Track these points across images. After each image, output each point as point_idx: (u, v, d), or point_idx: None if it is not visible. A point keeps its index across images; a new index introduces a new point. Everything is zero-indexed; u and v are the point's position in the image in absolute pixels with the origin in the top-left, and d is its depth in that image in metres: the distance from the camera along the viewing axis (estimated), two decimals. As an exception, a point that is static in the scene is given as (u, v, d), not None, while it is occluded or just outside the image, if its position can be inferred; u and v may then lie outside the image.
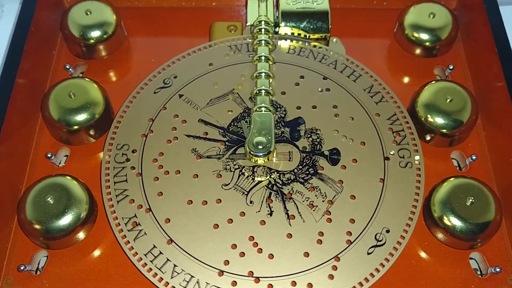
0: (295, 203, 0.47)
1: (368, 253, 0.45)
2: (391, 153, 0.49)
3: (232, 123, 0.50)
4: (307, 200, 0.47)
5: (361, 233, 0.45)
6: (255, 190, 0.47)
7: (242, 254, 0.45)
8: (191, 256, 0.44)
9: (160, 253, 0.44)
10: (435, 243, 0.48)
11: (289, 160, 0.49)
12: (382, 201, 0.47)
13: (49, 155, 0.51)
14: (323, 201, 0.47)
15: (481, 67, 0.57)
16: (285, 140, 0.50)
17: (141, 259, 0.45)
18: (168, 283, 0.44)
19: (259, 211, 0.46)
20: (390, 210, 0.46)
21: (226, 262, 0.44)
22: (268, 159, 0.48)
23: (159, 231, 0.45)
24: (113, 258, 0.47)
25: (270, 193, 0.47)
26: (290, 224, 0.46)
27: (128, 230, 0.45)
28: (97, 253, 0.47)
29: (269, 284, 0.44)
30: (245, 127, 0.50)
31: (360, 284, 0.44)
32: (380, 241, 0.45)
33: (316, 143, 0.50)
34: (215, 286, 0.43)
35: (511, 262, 0.47)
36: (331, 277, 0.44)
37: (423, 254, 0.48)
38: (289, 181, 0.48)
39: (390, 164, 0.49)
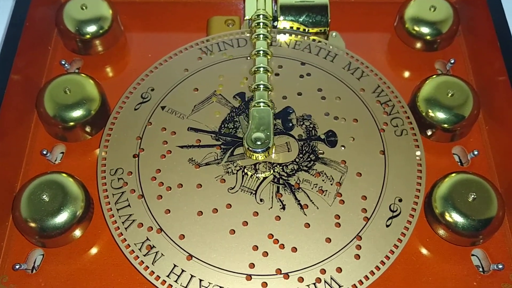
0: (304, 192, 0.46)
1: (387, 226, 0.45)
2: (385, 125, 0.50)
3: (223, 125, 0.50)
4: (315, 187, 0.47)
5: (375, 208, 0.46)
6: (262, 188, 0.47)
7: (266, 254, 0.44)
8: (215, 267, 0.43)
9: (183, 271, 0.43)
10: (436, 239, 0.47)
11: (288, 151, 0.48)
12: (387, 172, 0.47)
13: (44, 152, 0.50)
14: (331, 184, 0.47)
15: (482, 61, 0.56)
16: (279, 132, 0.49)
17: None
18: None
19: (271, 208, 0.46)
20: (397, 179, 0.47)
21: (252, 265, 0.44)
22: (268, 153, 0.48)
23: (176, 249, 0.44)
24: (109, 256, 0.46)
25: (278, 187, 0.47)
26: (305, 214, 0.45)
27: (144, 255, 0.44)
28: (93, 251, 0.47)
29: (299, 277, 0.43)
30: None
31: (387, 257, 0.44)
32: (395, 211, 0.46)
33: (310, 128, 0.50)
34: None
35: (514, 258, 0.47)
36: (357, 257, 0.44)
37: (424, 251, 0.47)
38: (294, 172, 0.47)
39: (386, 135, 0.49)
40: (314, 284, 0.43)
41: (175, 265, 0.43)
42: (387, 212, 0.46)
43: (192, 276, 0.43)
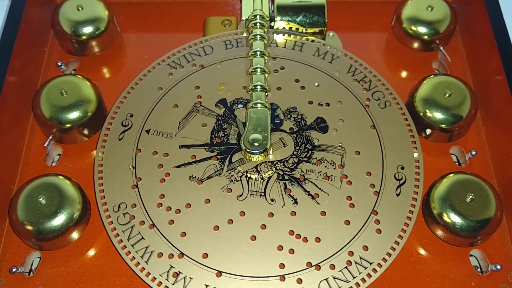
0: (311, 182, 0.47)
1: (398, 195, 0.46)
2: (369, 100, 0.51)
3: (213, 135, 0.49)
4: (320, 174, 0.47)
5: (382, 180, 0.47)
6: (269, 188, 0.47)
7: (292, 251, 0.44)
8: (246, 276, 0.43)
9: None
10: (434, 240, 0.47)
11: (285, 146, 0.49)
12: (383, 144, 0.48)
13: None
14: (334, 169, 0.47)
15: (480, 61, 0.56)
16: (271, 129, 0.49)
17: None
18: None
19: (284, 205, 0.46)
20: (394, 148, 0.48)
21: (282, 266, 0.43)
22: (266, 154, 0.47)
23: (203, 269, 0.43)
24: (107, 258, 0.46)
25: (285, 184, 0.47)
26: (318, 203, 0.46)
27: (173, 284, 0.43)
28: (91, 253, 0.47)
29: (331, 265, 0.44)
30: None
31: (406, 224, 0.45)
32: (401, 179, 0.47)
33: (299, 119, 0.50)
34: None
35: (512, 259, 0.47)
36: (378, 231, 0.45)
37: (422, 252, 0.47)
38: (295, 165, 0.48)
39: (372, 109, 0.50)
40: (346, 267, 0.44)
41: (207, 286, 0.43)
42: (394, 182, 0.47)
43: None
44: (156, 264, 0.43)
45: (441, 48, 0.54)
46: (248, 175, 0.47)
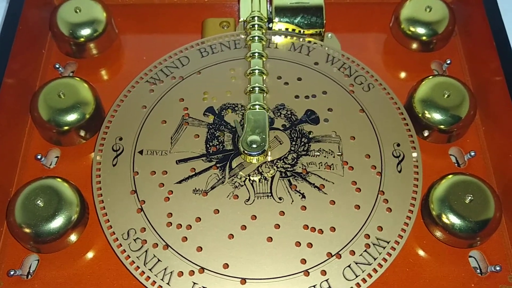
0: (314, 174, 0.47)
1: (399, 171, 0.47)
2: (352, 86, 0.51)
3: (208, 145, 0.48)
4: (321, 165, 0.47)
5: (381, 160, 0.48)
6: (275, 187, 0.47)
7: (310, 245, 0.44)
8: (272, 278, 0.43)
9: None
10: (433, 241, 0.47)
11: (281, 144, 0.49)
12: (375, 125, 0.49)
13: (39, 157, 0.50)
14: (334, 157, 0.48)
15: (479, 62, 0.56)
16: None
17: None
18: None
19: (293, 201, 0.46)
20: (386, 127, 0.49)
21: (303, 261, 0.44)
22: (265, 156, 0.47)
23: (227, 280, 0.43)
24: (105, 261, 0.46)
25: (289, 180, 0.47)
26: (325, 193, 0.46)
27: None
28: (89, 256, 0.47)
29: (350, 251, 0.44)
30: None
31: (413, 198, 0.46)
32: (399, 156, 0.48)
33: (289, 115, 0.50)
34: (312, 286, 0.43)
35: (511, 260, 0.47)
36: (389, 210, 0.46)
37: (421, 253, 0.47)
38: (295, 160, 0.48)
39: (357, 94, 0.51)
40: (365, 251, 0.44)
41: None
42: (393, 160, 0.48)
43: None
44: (178, 284, 0.43)
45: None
46: (251, 178, 0.47)
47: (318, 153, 0.47)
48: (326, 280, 0.43)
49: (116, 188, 0.46)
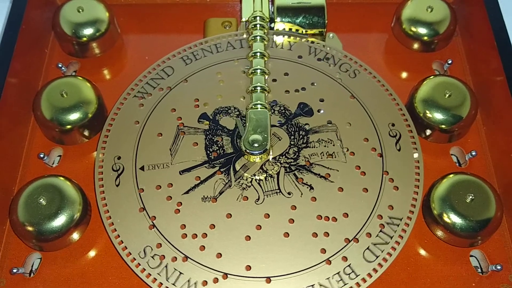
0: (318, 165, 0.48)
1: (399, 150, 0.48)
2: (339, 74, 0.52)
3: (208, 151, 0.48)
4: (323, 155, 0.48)
5: (380, 142, 0.49)
6: (282, 183, 0.47)
7: (327, 234, 0.45)
8: (296, 272, 0.43)
9: None
10: (434, 240, 0.47)
11: (280, 140, 0.49)
12: (366, 108, 0.50)
13: (41, 156, 0.50)
14: (334, 145, 0.49)
15: (480, 61, 0.56)
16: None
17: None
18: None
19: (302, 194, 0.46)
20: (377, 108, 0.50)
21: (323, 251, 0.44)
22: (267, 155, 0.47)
23: (252, 281, 0.43)
24: (107, 259, 0.46)
25: (295, 174, 0.47)
26: (332, 181, 0.47)
27: None
28: (91, 254, 0.47)
29: (366, 233, 0.45)
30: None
31: (417, 173, 0.47)
32: (396, 135, 0.49)
33: (283, 111, 0.51)
34: (336, 273, 0.43)
35: (512, 259, 0.47)
36: (396, 188, 0.47)
37: (422, 252, 0.47)
38: (297, 154, 0.48)
39: (344, 81, 0.52)
40: (381, 231, 0.45)
41: None
42: (391, 140, 0.49)
43: None
44: None
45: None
46: (257, 177, 0.47)
47: (318, 144, 0.48)
48: (349, 266, 0.44)
49: (124, 208, 0.46)
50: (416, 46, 0.58)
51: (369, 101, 0.51)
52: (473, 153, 0.51)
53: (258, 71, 0.51)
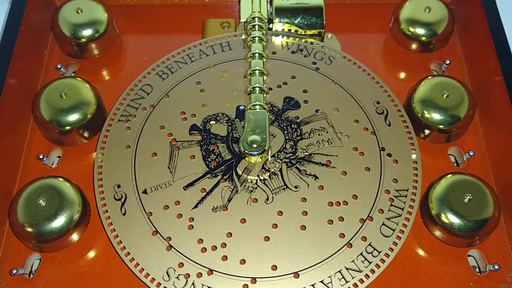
0: (317, 154, 0.48)
1: (389, 125, 0.50)
2: (315, 64, 0.53)
3: (207, 162, 0.48)
4: (320, 143, 0.49)
5: (369, 121, 0.50)
6: (287, 178, 0.47)
7: (341, 218, 0.46)
8: (322, 261, 0.44)
9: None
10: (432, 240, 0.47)
11: (274, 137, 0.49)
12: (349, 91, 0.51)
13: (41, 157, 0.50)
14: (327, 132, 0.49)
15: (478, 62, 0.56)
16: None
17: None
18: None
19: (309, 185, 0.47)
20: (360, 89, 0.51)
21: (342, 235, 0.45)
22: (265, 155, 0.48)
23: (281, 279, 0.43)
24: (106, 260, 0.46)
25: (297, 167, 0.48)
26: (334, 167, 0.48)
27: None
28: (90, 255, 0.47)
29: (379, 209, 0.46)
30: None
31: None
32: (383, 112, 0.50)
33: (271, 108, 0.51)
34: (359, 254, 0.44)
35: (510, 259, 0.47)
36: (395, 161, 0.48)
37: (420, 252, 0.47)
38: (294, 148, 0.48)
39: (322, 69, 0.53)
40: (391, 205, 0.46)
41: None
42: (379, 117, 0.50)
43: (314, 284, 0.43)
44: None
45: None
46: (261, 177, 0.47)
47: (312, 134, 0.49)
48: (369, 244, 0.45)
49: (136, 235, 0.45)
50: (414, 46, 0.58)
51: (350, 84, 0.52)
52: (471, 153, 0.51)
53: (257, 71, 0.51)
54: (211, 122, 0.50)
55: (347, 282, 0.43)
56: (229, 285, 0.43)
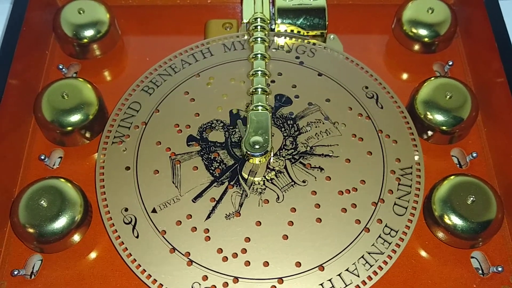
0: (318, 146, 0.49)
1: (381, 108, 0.51)
2: (298, 58, 0.54)
3: (211, 170, 0.47)
4: (319, 135, 0.49)
5: (362, 106, 0.51)
6: (293, 174, 0.47)
7: (354, 205, 0.46)
8: (345, 249, 0.44)
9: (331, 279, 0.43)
10: (435, 242, 0.47)
11: (273, 135, 0.49)
12: (336, 80, 0.52)
13: (42, 157, 0.50)
14: (323, 123, 0.50)
15: (480, 63, 0.56)
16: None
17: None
18: None
19: (316, 178, 0.47)
20: (346, 77, 0.52)
21: (358, 221, 0.45)
22: (268, 156, 0.47)
23: (307, 275, 0.43)
24: (108, 261, 0.46)
25: (301, 162, 0.48)
26: (337, 156, 0.48)
27: None
28: (92, 256, 0.47)
29: (389, 190, 0.47)
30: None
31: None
32: (373, 96, 0.51)
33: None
34: (378, 237, 0.45)
35: (513, 261, 0.47)
36: (394, 142, 0.49)
37: (423, 254, 0.47)
38: (294, 143, 0.49)
39: (306, 63, 0.53)
40: (399, 184, 0.47)
41: (322, 284, 0.43)
42: (371, 101, 0.51)
43: (340, 273, 0.44)
44: None
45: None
46: (267, 177, 0.47)
47: (309, 127, 0.49)
48: (385, 225, 0.45)
49: (154, 256, 0.44)
50: (416, 47, 0.58)
51: (336, 73, 0.53)
52: (474, 155, 0.51)
53: (259, 72, 0.51)
54: (207, 130, 0.49)
55: (371, 266, 0.44)
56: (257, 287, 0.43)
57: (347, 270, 0.44)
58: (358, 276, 0.43)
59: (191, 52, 0.54)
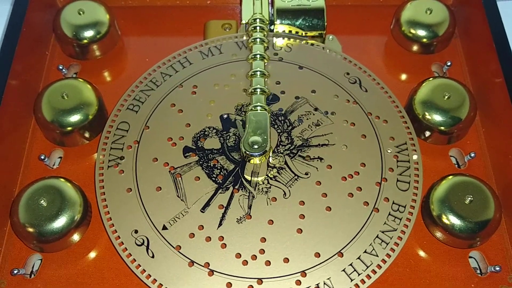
0: (314, 137, 0.49)
1: (366, 91, 0.52)
2: (277, 55, 0.54)
3: (213, 178, 0.47)
4: (312, 127, 0.50)
5: (347, 93, 0.52)
6: (296, 169, 0.48)
7: (359, 189, 0.47)
8: (358, 233, 0.45)
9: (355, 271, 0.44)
10: (434, 242, 0.47)
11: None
12: (317, 70, 0.53)
13: (42, 157, 0.50)
14: (314, 114, 0.51)
15: (479, 63, 0.56)
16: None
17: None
18: None
19: (317, 169, 0.48)
20: (326, 66, 0.53)
21: (366, 203, 0.46)
22: (266, 156, 0.48)
23: (327, 264, 0.44)
24: (107, 260, 0.46)
25: (300, 156, 0.49)
26: (333, 144, 0.49)
27: None
28: (91, 255, 0.47)
29: (389, 168, 0.48)
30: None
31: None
32: (356, 81, 0.52)
33: None
34: (388, 214, 0.46)
35: (511, 260, 0.47)
36: (385, 121, 0.50)
37: (422, 253, 0.47)
38: (290, 137, 0.49)
39: (286, 58, 0.54)
40: (398, 161, 0.48)
41: (343, 269, 0.44)
42: (355, 86, 0.52)
43: (359, 256, 0.44)
44: None
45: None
46: (270, 176, 0.47)
47: (301, 120, 0.50)
48: (393, 203, 0.46)
49: (173, 272, 0.44)
50: (415, 48, 0.58)
51: (316, 64, 0.53)
52: (472, 155, 0.51)
53: (258, 73, 0.52)
54: (201, 138, 0.49)
55: (387, 244, 0.45)
56: (283, 286, 0.43)
57: (365, 252, 0.44)
58: (377, 255, 0.44)
59: (169, 64, 0.54)
